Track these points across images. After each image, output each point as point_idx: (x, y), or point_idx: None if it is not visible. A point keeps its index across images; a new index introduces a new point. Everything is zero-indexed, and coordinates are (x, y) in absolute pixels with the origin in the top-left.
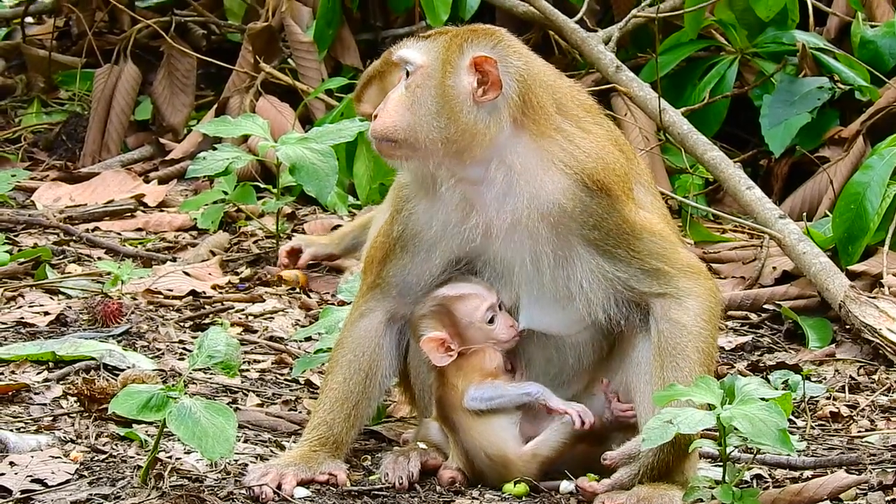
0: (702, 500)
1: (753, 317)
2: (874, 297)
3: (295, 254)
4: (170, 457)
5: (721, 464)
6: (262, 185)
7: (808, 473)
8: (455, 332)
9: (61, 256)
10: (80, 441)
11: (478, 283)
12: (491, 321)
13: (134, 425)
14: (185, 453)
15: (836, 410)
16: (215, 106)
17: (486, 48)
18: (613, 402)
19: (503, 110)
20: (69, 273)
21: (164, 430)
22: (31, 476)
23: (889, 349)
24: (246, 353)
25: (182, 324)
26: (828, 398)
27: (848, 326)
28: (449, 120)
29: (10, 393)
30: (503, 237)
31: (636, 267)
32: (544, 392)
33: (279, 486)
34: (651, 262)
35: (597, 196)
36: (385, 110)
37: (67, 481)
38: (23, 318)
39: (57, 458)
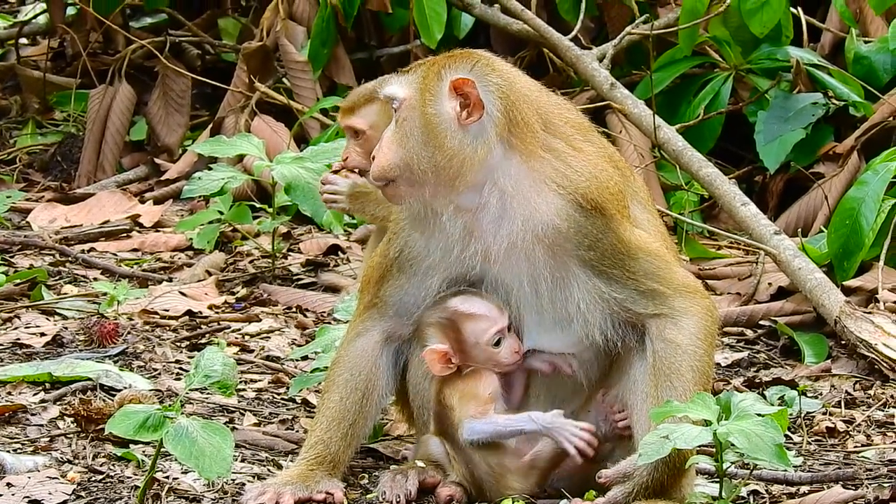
0: None
1: (749, 333)
2: (870, 313)
3: None
4: (167, 477)
5: (718, 480)
6: (258, 205)
7: (804, 489)
8: (459, 347)
9: (57, 277)
10: (77, 461)
11: (490, 303)
12: (497, 344)
13: (131, 445)
14: (183, 473)
15: (833, 426)
16: (210, 126)
17: (464, 70)
18: (609, 414)
19: (489, 130)
20: (65, 294)
21: (161, 449)
22: (28, 497)
23: (885, 364)
24: (242, 372)
25: (178, 344)
26: (824, 413)
27: (844, 342)
28: (436, 148)
29: (6, 414)
30: (501, 261)
31: (632, 288)
32: (541, 425)
33: None
34: (647, 282)
35: (591, 216)
36: (380, 151)
37: (65, 502)
38: (19, 339)
39: (54, 478)
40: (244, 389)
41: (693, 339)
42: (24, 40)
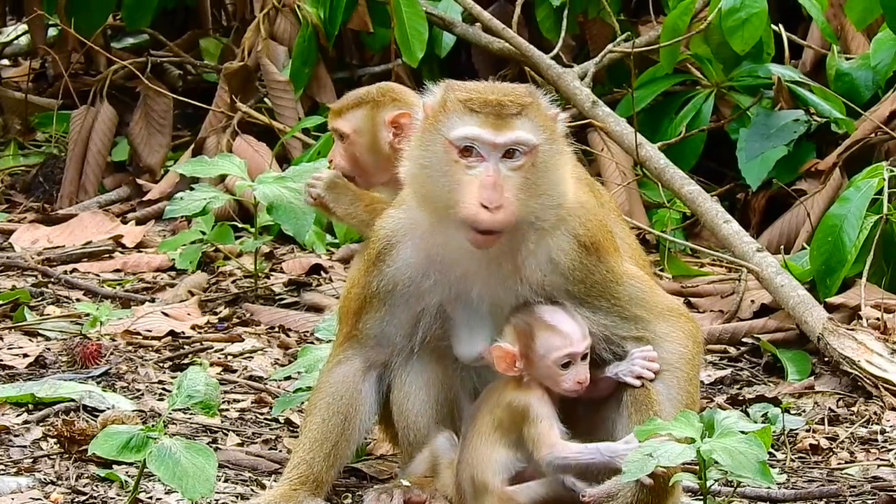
0: None
1: (732, 350)
2: (852, 329)
3: None
4: (150, 497)
5: (702, 497)
6: (240, 225)
7: None
8: (527, 354)
9: (40, 298)
10: (60, 482)
11: (577, 326)
12: (565, 366)
13: (114, 466)
14: (166, 493)
15: (816, 443)
16: (192, 146)
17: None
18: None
19: None
20: (48, 315)
21: (145, 470)
22: None
23: (868, 381)
24: (225, 392)
25: (161, 364)
26: (807, 430)
27: (827, 359)
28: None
29: None
30: (489, 290)
31: (616, 314)
32: (607, 456)
33: None
34: (630, 308)
35: (587, 252)
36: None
37: None
38: (1, 360)
39: (38, 499)
40: (227, 409)
41: (673, 363)
42: (5, 61)
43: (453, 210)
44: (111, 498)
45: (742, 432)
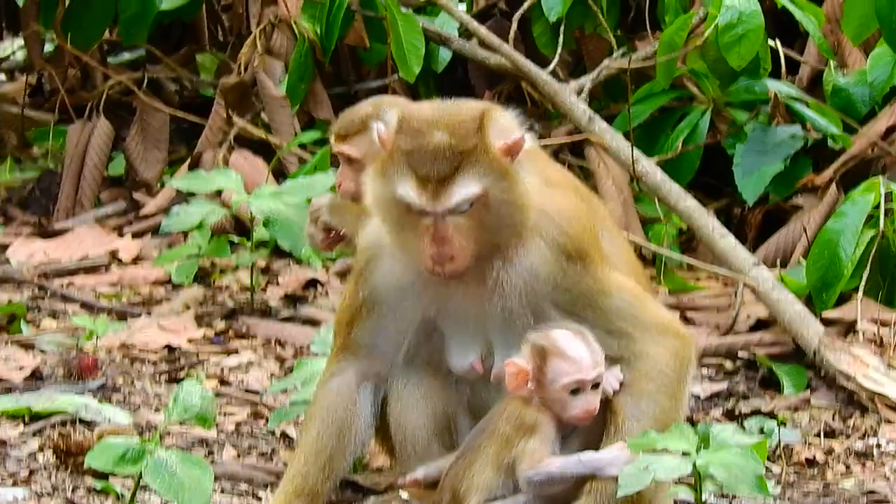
0: None
1: (728, 364)
2: (849, 344)
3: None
4: None
5: None
6: (236, 239)
7: None
8: (538, 376)
9: (36, 312)
10: (56, 494)
11: (589, 351)
12: (574, 392)
13: (110, 478)
14: None
15: (812, 456)
16: (188, 161)
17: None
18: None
19: None
20: (44, 328)
21: (141, 482)
22: None
23: (864, 395)
24: (221, 405)
25: (157, 377)
26: (803, 444)
27: (823, 373)
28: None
29: None
30: (474, 300)
31: (601, 328)
32: (591, 468)
33: None
34: (617, 322)
35: (572, 261)
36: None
37: None
38: None
39: None
40: (223, 422)
41: (649, 382)
42: (1, 76)
43: (410, 252)
44: None
45: (738, 446)
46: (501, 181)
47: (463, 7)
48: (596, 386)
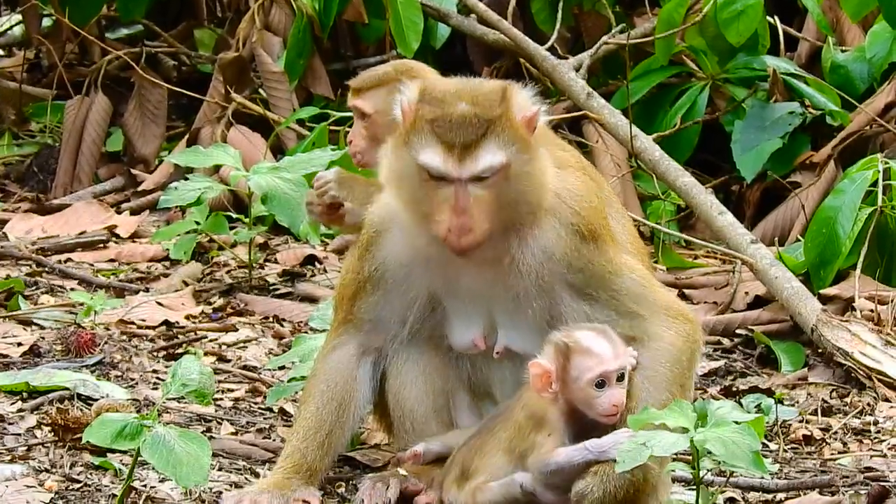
0: None
1: (726, 342)
2: (846, 321)
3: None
4: (144, 485)
5: (694, 487)
6: (235, 215)
7: (781, 496)
8: (562, 376)
9: (34, 287)
10: (54, 470)
11: (612, 344)
12: (600, 386)
13: (108, 454)
14: (160, 482)
15: (809, 433)
16: (187, 136)
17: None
18: None
19: None
20: (42, 304)
21: (139, 458)
22: None
23: (861, 372)
24: (219, 381)
25: (155, 353)
26: (800, 421)
27: (820, 350)
28: None
29: None
30: (485, 278)
31: (613, 308)
32: (597, 453)
33: None
34: (629, 303)
35: (585, 241)
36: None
37: None
38: None
39: (31, 487)
40: (221, 399)
41: (658, 364)
42: None
43: (427, 224)
44: (105, 486)
45: (735, 422)
46: (524, 153)
47: None
48: (621, 378)
